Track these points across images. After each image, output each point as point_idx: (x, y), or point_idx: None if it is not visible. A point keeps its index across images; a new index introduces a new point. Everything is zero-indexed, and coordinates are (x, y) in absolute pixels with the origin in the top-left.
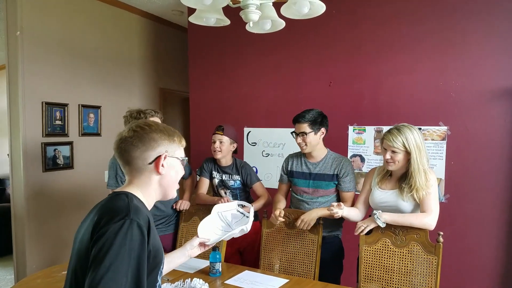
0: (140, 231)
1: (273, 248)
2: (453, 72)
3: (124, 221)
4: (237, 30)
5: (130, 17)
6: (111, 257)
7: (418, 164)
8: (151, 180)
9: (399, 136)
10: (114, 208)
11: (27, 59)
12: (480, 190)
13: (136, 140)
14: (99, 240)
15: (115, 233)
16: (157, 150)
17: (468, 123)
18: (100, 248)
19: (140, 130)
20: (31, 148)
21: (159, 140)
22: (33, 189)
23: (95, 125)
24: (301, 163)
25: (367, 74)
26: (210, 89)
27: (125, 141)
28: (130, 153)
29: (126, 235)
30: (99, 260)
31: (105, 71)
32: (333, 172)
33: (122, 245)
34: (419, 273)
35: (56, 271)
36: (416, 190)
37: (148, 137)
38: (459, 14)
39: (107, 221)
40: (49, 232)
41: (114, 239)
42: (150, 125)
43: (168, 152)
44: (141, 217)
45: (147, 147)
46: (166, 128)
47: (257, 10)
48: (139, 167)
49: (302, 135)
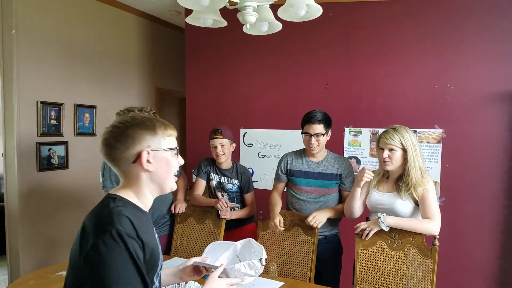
0: (121, 240)
1: (268, 250)
2: (448, 75)
3: (104, 237)
4: (234, 31)
5: (127, 17)
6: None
7: (414, 161)
8: (141, 179)
9: (396, 135)
10: (97, 218)
11: (22, 58)
12: (475, 193)
13: (112, 140)
14: (88, 260)
15: (99, 253)
16: (137, 147)
17: (463, 126)
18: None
19: (115, 129)
20: (25, 148)
21: (137, 135)
22: (27, 189)
23: (91, 125)
24: (303, 162)
25: (363, 77)
26: (207, 89)
27: (104, 143)
28: (111, 155)
29: (112, 254)
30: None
31: (102, 70)
32: (336, 172)
33: (110, 263)
34: (415, 276)
35: (50, 272)
36: (414, 187)
37: (124, 134)
38: (455, 17)
39: (89, 235)
40: (43, 232)
41: (101, 260)
42: (126, 121)
43: (151, 147)
44: (124, 224)
45: (125, 146)
46: (144, 121)
47: (254, 12)
48: (125, 168)
49: (317, 135)
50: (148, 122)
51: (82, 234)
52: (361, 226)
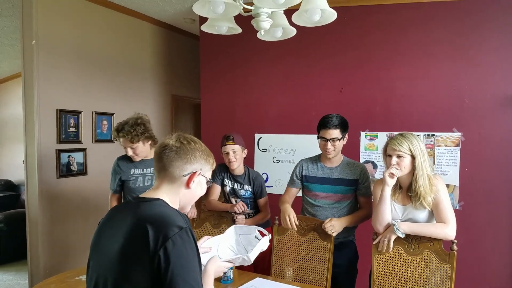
0: (193, 237)
1: (284, 255)
2: (466, 78)
3: (180, 233)
4: (248, 37)
5: (143, 25)
6: (186, 275)
7: (422, 168)
8: (179, 191)
9: (405, 141)
10: (164, 218)
11: (42, 67)
12: (494, 197)
13: (181, 151)
14: (168, 261)
15: (179, 249)
16: (194, 165)
17: (482, 129)
18: (173, 271)
19: (187, 144)
20: (45, 155)
21: (199, 157)
22: (47, 195)
23: (108, 132)
24: (318, 168)
25: (379, 80)
26: (221, 95)
27: (170, 148)
28: (172, 160)
29: (186, 248)
30: (174, 281)
31: (119, 78)
32: (353, 178)
33: (188, 259)
34: (433, 281)
35: (70, 276)
36: (423, 197)
37: (191, 152)
38: (472, 20)
39: (165, 234)
40: (63, 237)
41: (181, 256)
42: (196, 142)
43: (201, 170)
44: (187, 221)
45: (187, 160)
46: (206, 149)
47: (268, 18)
48: (174, 176)
49: (333, 140)
50: (208, 152)
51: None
52: (379, 240)
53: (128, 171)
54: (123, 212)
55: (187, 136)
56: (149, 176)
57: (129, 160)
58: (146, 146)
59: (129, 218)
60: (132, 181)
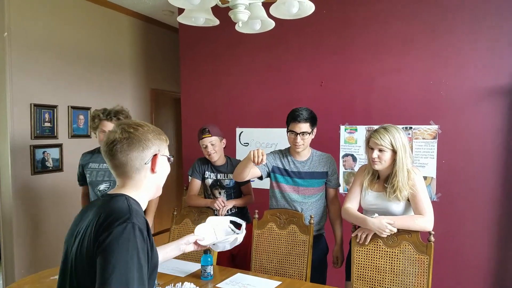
0: (141, 235)
1: (264, 249)
2: (443, 71)
3: (126, 225)
4: (228, 30)
5: (121, 18)
6: (117, 262)
7: (402, 164)
8: (146, 179)
9: (387, 135)
10: (116, 210)
11: (15, 61)
12: (471, 189)
13: (133, 140)
14: (103, 245)
15: (118, 238)
16: (152, 149)
17: (458, 122)
18: (105, 258)
19: (134, 131)
20: (19, 151)
21: (153, 139)
22: (21, 193)
23: (85, 127)
24: (289, 162)
25: (358, 74)
26: (202, 89)
27: (120, 142)
28: (127, 153)
29: (129, 240)
30: (104, 268)
31: (95, 72)
32: (323, 170)
33: (125, 250)
34: (411, 273)
35: (45, 276)
36: (399, 190)
37: (143, 137)
38: (449, 13)
39: (110, 223)
40: (37, 236)
41: (118, 246)
42: (142, 125)
43: (159, 151)
44: (140, 220)
45: (144, 147)
46: (155, 128)
47: (246, 10)
48: (136, 168)
49: (303, 134)
50: (158, 130)
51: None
52: (358, 234)
53: (86, 164)
54: (90, 208)
55: (130, 123)
56: (102, 171)
57: (91, 154)
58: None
59: (90, 213)
60: (88, 174)
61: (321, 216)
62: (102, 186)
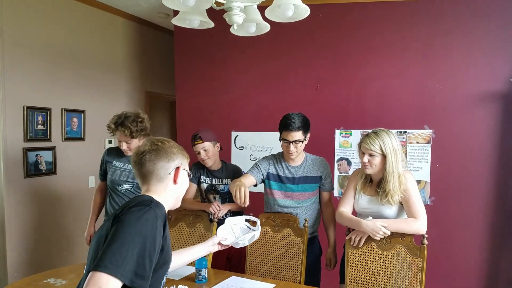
0: (155, 220)
1: (259, 252)
2: (437, 76)
3: (143, 208)
4: (223, 33)
5: (115, 20)
6: (122, 233)
7: (392, 168)
8: (168, 189)
9: (377, 140)
10: (139, 199)
11: (8, 62)
12: (465, 192)
13: (160, 152)
14: (118, 221)
15: (132, 215)
16: (176, 162)
17: (452, 126)
18: (116, 227)
19: (162, 144)
20: (12, 154)
21: (177, 153)
22: (14, 196)
23: (79, 130)
24: (283, 168)
25: (353, 78)
26: (197, 92)
27: (149, 153)
28: (155, 163)
29: (141, 218)
30: (111, 235)
31: (90, 74)
32: (316, 174)
33: (135, 224)
34: (404, 275)
35: (38, 279)
36: (391, 195)
37: (169, 150)
38: (443, 19)
39: (131, 206)
40: (30, 239)
41: (130, 219)
42: (168, 141)
43: (182, 165)
44: (160, 211)
45: (169, 159)
46: (179, 145)
47: (241, 13)
48: (161, 177)
49: (296, 142)
50: (181, 147)
51: (119, 210)
52: (352, 237)
53: (111, 161)
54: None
55: (159, 138)
56: (126, 172)
57: (117, 152)
58: (140, 142)
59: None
60: (111, 171)
61: (315, 219)
62: (125, 186)
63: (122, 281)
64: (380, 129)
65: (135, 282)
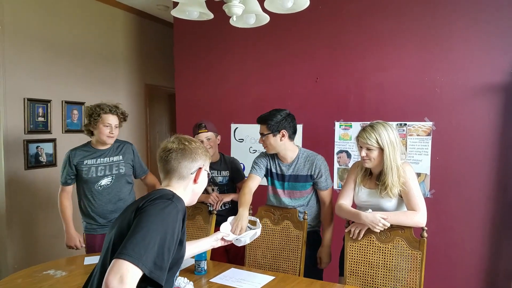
0: (176, 214)
1: (258, 244)
2: (438, 68)
3: (166, 201)
4: (223, 25)
5: (115, 12)
6: (146, 223)
7: (390, 161)
8: (188, 187)
9: (373, 133)
10: (161, 193)
11: (9, 55)
12: (465, 185)
13: (186, 151)
14: (141, 212)
15: (156, 207)
16: (199, 162)
17: (453, 119)
18: (140, 218)
19: (189, 144)
20: (12, 145)
21: (201, 154)
22: (14, 187)
23: (79, 122)
24: (276, 165)
25: (353, 70)
26: (196, 84)
27: (176, 151)
28: (180, 161)
29: (164, 210)
30: (135, 225)
31: (90, 66)
32: (306, 173)
33: (157, 215)
34: (403, 268)
35: (38, 270)
36: (390, 187)
37: (195, 151)
38: (444, 10)
39: (154, 199)
40: (31, 231)
41: (153, 211)
42: (194, 141)
43: (204, 166)
44: (181, 205)
45: (193, 159)
46: (203, 146)
47: (240, 4)
48: (183, 175)
49: (261, 135)
50: (206, 148)
51: (143, 202)
52: (351, 230)
53: (82, 161)
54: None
55: (186, 137)
56: (102, 166)
57: (82, 151)
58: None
59: (135, 203)
60: (85, 171)
61: (313, 217)
62: (103, 181)
63: (143, 270)
64: (377, 121)
65: (153, 272)
